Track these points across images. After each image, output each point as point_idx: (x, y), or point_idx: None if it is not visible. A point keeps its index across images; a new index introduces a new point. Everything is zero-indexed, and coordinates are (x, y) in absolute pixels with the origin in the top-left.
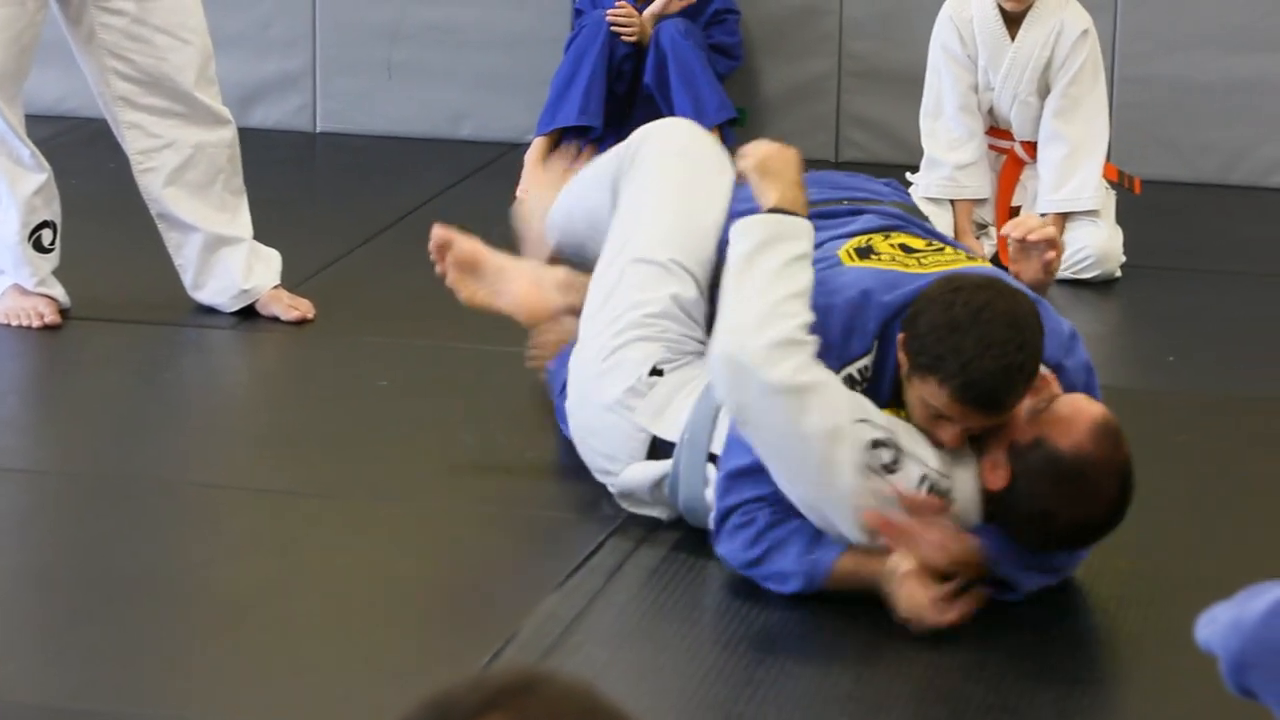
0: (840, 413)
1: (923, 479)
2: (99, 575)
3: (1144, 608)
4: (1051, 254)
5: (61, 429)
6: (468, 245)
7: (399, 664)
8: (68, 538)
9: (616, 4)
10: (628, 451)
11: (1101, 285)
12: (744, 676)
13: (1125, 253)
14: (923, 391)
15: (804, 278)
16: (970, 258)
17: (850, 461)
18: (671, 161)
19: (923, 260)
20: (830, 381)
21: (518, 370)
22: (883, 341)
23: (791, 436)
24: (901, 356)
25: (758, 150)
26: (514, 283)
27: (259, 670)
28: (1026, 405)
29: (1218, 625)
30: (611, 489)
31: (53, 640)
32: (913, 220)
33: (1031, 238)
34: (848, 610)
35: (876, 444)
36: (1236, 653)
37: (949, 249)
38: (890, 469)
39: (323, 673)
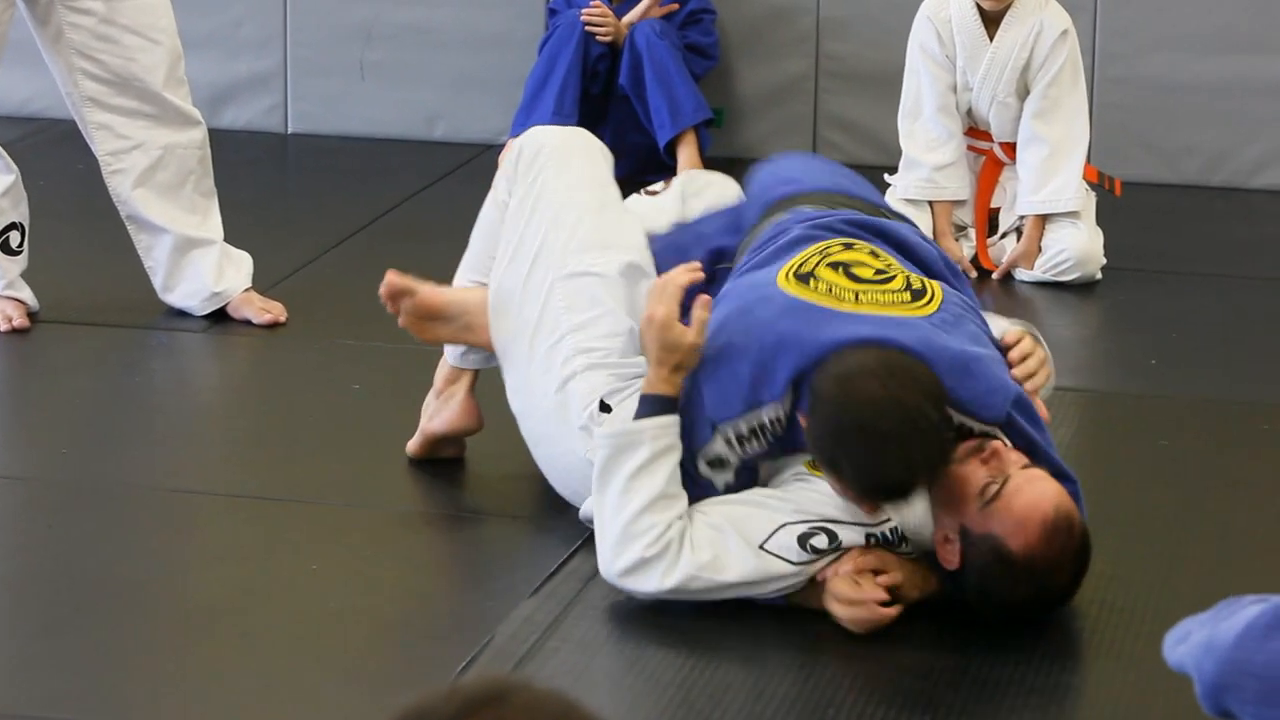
0: (739, 559)
1: (868, 538)
2: (69, 583)
3: (1125, 613)
4: (1044, 410)
5: (30, 434)
6: (428, 294)
7: (373, 670)
8: (36, 545)
9: (591, 4)
10: (590, 489)
11: (1082, 288)
12: (722, 683)
13: (1106, 255)
14: (830, 481)
15: (653, 484)
16: (918, 297)
17: (782, 570)
18: (575, 161)
19: (861, 295)
20: (708, 551)
21: (492, 375)
22: (796, 392)
23: (712, 596)
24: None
25: (645, 316)
26: (484, 315)
27: (231, 679)
28: (980, 478)
29: (1190, 646)
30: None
31: (22, 649)
32: (871, 228)
33: (1030, 388)
34: (828, 617)
35: (804, 538)
36: (1212, 676)
37: (899, 277)
38: (830, 550)
39: (296, 681)
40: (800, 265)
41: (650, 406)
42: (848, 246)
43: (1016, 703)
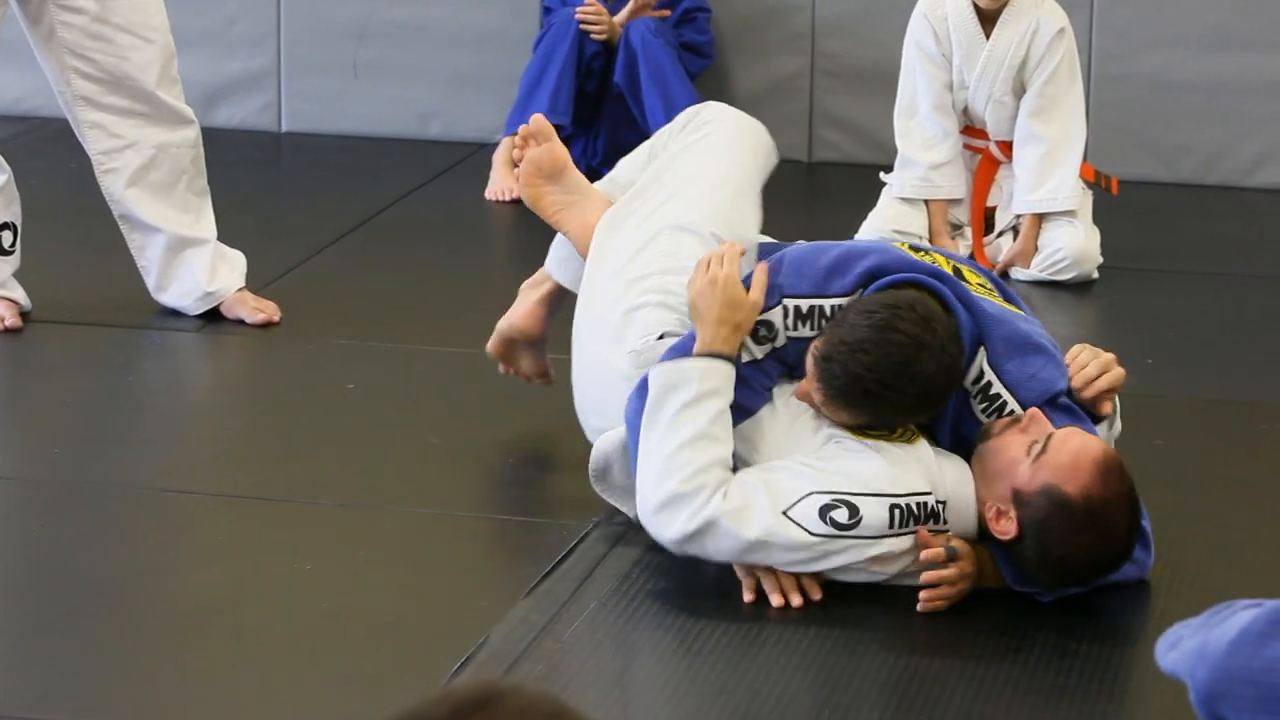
0: (761, 516)
1: (893, 511)
2: (61, 582)
3: (1121, 613)
4: (1109, 406)
5: (22, 434)
6: (560, 150)
7: (366, 672)
8: (28, 545)
9: (586, 2)
10: (618, 416)
11: (1078, 287)
12: (716, 685)
13: (1102, 254)
14: (809, 371)
15: (696, 422)
16: (1010, 301)
17: (800, 539)
18: (740, 144)
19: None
20: (738, 499)
21: (487, 373)
22: (864, 287)
23: (731, 553)
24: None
25: (691, 286)
26: (588, 205)
27: (223, 680)
28: (1020, 443)
29: (1182, 653)
30: (590, 471)
31: (14, 649)
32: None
33: (1087, 395)
34: (823, 617)
35: (825, 509)
36: (1205, 683)
37: (999, 299)
38: (850, 524)
39: (288, 682)
40: (917, 245)
41: (705, 355)
42: (973, 269)
43: (1012, 704)
